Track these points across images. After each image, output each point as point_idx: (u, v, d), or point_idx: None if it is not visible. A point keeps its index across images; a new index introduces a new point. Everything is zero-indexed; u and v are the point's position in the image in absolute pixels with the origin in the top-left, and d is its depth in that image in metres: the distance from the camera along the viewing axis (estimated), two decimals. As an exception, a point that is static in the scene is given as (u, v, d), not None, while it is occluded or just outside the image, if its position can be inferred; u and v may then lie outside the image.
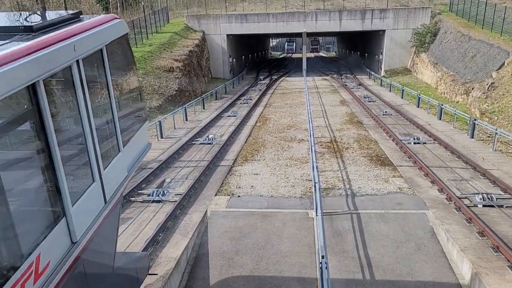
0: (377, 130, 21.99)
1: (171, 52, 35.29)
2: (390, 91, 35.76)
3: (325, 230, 9.78)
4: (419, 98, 27.95)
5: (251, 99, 33.08)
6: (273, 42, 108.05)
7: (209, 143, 19.66)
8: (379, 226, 11.30)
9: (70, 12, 5.54)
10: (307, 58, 55.05)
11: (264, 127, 23.87)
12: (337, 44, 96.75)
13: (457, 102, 27.38)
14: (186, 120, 25.32)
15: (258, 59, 67.88)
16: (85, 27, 5.21)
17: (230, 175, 15.56)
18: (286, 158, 17.57)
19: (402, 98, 31.75)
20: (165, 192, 13.07)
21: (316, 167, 13.12)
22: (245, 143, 20.09)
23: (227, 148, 19.14)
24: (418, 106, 27.81)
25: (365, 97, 32.69)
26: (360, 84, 41.59)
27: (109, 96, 5.65)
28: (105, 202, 5.36)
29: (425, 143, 18.96)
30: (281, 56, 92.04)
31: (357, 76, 47.91)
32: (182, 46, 37.67)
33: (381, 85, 39.90)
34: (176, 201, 12.42)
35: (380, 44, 44.93)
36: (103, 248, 5.62)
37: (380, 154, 17.69)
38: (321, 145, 19.35)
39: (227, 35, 44.37)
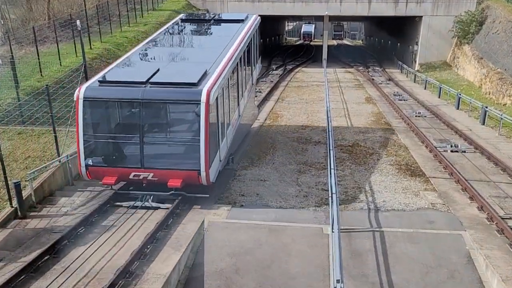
0: (408, 134, 21.91)
1: (169, 33, 35.52)
2: (425, 88, 35.59)
3: (342, 250, 9.75)
4: (459, 98, 27.79)
5: (260, 92, 33.12)
6: (289, 26, 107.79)
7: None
8: (406, 247, 11.25)
9: (245, 14, 21.01)
10: (329, 46, 54.96)
11: (275, 125, 23.89)
12: (364, 31, 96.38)
13: (505, 104, 27.17)
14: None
15: (271, 45, 67.80)
16: (253, 20, 19.96)
17: (233, 180, 15.60)
18: (299, 162, 17.58)
19: (439, 97, 31.60)
20: None
21: (334, 174, 13.10)
22: (251, 143, 20.12)
23: (230, 148, 19.23)
24: (457, 108, 27.66)
25: (395, 95, 32.61)
26: (389, 79, 41.47)
27: (256, 48, 21.03)
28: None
29: (465, 151, 18.85)
30: (298, 43, 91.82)
31: (386, 70, 47.77)
32: (183, 27, 37.91)
33: (414, 81, 39.75)
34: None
35: (415, 33, 44.71)
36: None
37: (411, 162, 17.62)
38: (341, 149, 19.33)
39: (236, 16, 44.55)
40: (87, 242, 10.78)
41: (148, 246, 10.61)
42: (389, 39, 59.71)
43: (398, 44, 53.46)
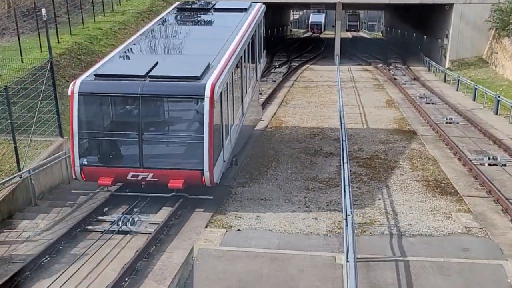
0: (437, 144, 21.96)
1: (152, 24, 35.73)
2: (457, 89, 35.73)
3: (359, 283, 9.73)
4: (498, 101, 27.84)
5: (261, 94, 33.19)
6: (294, 16, 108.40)
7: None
8: (435, 280, 11.23)
9: (249, 2, 21.91)
10: (342, 39, 55.19)
11: (278, 133, 23.94)
12: (384, 22, 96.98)
13: (552, 108, 27.23)
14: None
15: (273, 38, 68.26)
16: (257, 8, 21.61)
17: (228, 199, 15.59)
18: (307, 178, 17.60)
19: (474, 100, 31.68)
20: None
21: (350, 192, 13.10)
22: (250, 154, 20.15)
23: (224, 161, 19.27)
24: (496, 113, 27.73)
25: (421, 97, 32.74)
26: (415, 79, 41.63)
27: (260, 40, 22.86)
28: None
29: (505, 165, 18.88)
30: (305, 35, 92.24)
31: (411, 67, 47.96)
32: (168, 17, 38.15)
33: (444, 81, 39.91)
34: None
35: (444, 24, 44.96)
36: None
37: (441, 178, 17.63)
38: (357, 162, 19.36)
39: (231, 3, 44.90)
40: (53, 274, 10.74)
41: (126, 279, 10.56)
42: (414, 31, 60.02)
43: (425, 37, 53.73)
